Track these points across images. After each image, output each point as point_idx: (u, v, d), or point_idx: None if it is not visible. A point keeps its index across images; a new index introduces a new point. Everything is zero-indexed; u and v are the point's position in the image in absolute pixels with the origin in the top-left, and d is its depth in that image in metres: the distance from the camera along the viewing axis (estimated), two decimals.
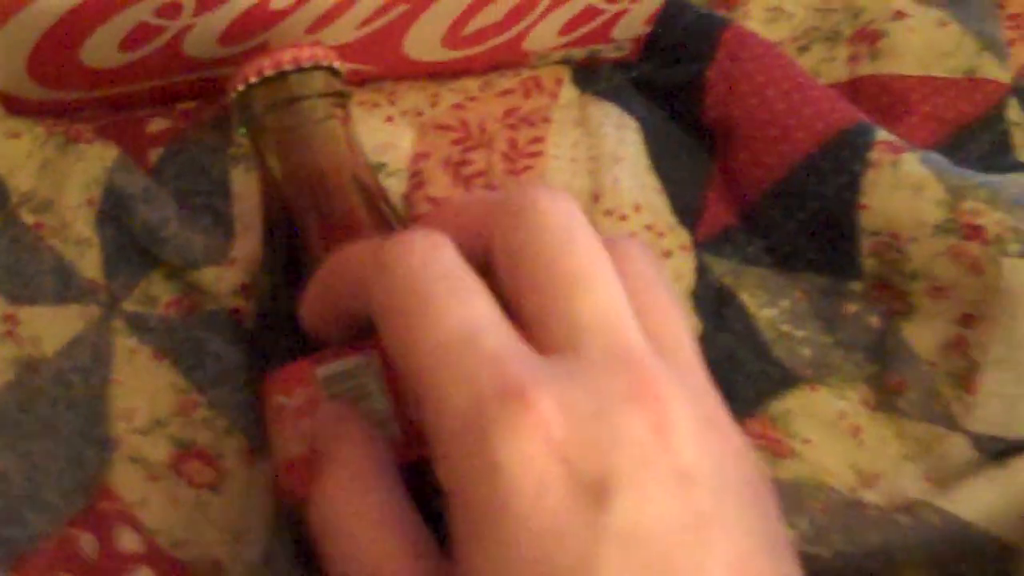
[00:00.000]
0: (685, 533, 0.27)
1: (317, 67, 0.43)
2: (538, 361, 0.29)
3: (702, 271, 0.50)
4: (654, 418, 0.28)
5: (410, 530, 0.32)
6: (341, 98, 0.43)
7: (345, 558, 0.32)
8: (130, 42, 0.44)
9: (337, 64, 0.43)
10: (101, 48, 0.44)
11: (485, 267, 0.32)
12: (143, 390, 0.44)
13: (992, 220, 0.47)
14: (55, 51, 0.44)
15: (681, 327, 0.33)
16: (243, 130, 0.43)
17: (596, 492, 0.27)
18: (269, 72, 0.42)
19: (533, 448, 0.27)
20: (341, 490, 0.33)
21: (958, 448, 0.48)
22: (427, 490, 0.35)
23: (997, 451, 0.48)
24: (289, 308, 0.40)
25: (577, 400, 0.28)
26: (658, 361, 0.30)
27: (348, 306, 0.35)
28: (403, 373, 0.31)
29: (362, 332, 0.36)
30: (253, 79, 0.42)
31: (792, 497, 0.47)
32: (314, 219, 0.42)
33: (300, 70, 0.42)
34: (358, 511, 0.33)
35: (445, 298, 0.30)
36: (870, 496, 0.47)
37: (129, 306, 0.44)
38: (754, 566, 0.28)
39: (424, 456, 0.37)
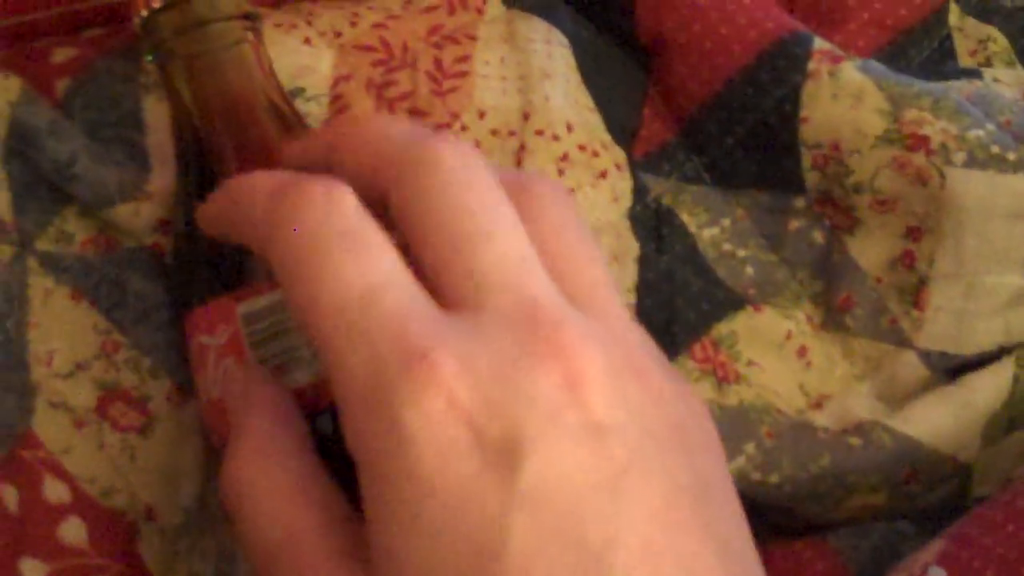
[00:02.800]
0: (598, 487, 0.27)
1: None
2: (441, 320, 0.29)
3: (640, 191, 0.51)
4: (563, 372, 0.28)
5: (323, 499, 0.32)
6: (251, 20, 0.43)
7: (257, 532, 0.32)
8: None
9: None
10: None
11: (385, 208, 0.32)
12: (62, 332, 0.43)
13: (936, 129, 0.47)
14: None
15: (596, 269, 0.33)
16: (151, 57, 0.43)
17: (504, 453, 0.27)
18: None
19: (437, 411, 0.27)
20: (248, 463, 0.33)
21: (908, 366, 0.49)
22: None
23: (948, 368, 0.49)
24: (207, 242, 0.40)
25: (481, 359, 0.28)
26: (568, 310, 0.30)
27: (243, 236, 0.35)
28: (305, 334, 0.31)
29: None
30: (157, 3, 0.41)
31: (740, 423, 0.47)
32: (229, 149, 0.41)
33: None
34: (268, 485, 0.33)
35: (344, 257, 0.30)
36: (820, 418, 0.48)
37: (42, 245, 0.44)
38: (676, 513, 0.28)
39: None
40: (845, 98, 0.48)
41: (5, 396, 0.42)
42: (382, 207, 0.32)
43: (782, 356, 0.49)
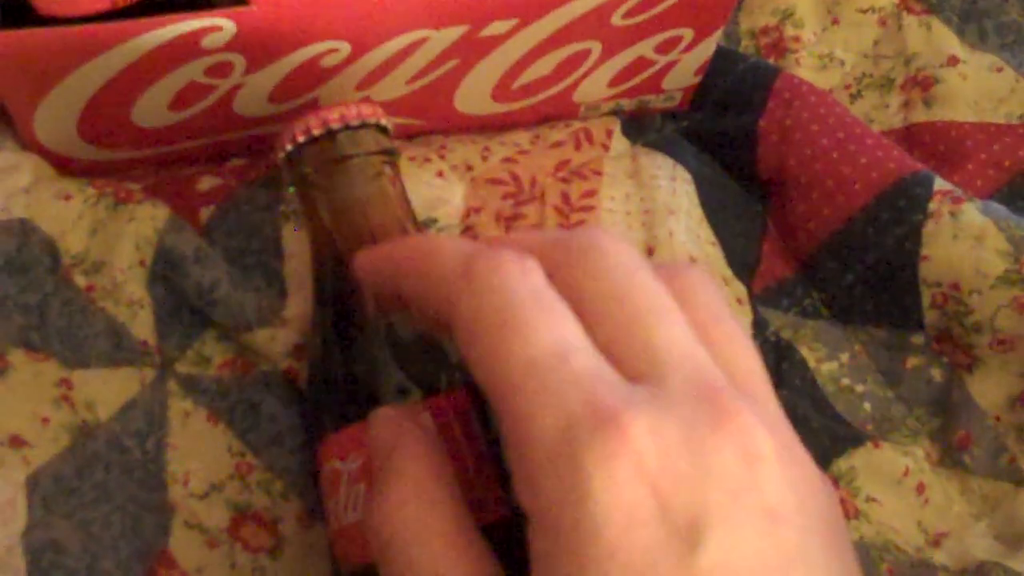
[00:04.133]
0: (771, 574, 0.27)
1: (365, 125, 0.43)
2: (628, 387, 0.29)
3: (759, 325, 0.51)
4: (742, 448, 0.28)
5: (479, 555, 0.31)
6: (390, 155, 0.44)
7: None
8: (181, 101, 0.45)
9: (385, 121, 0.44)
10: (152, 108, 0.45)
11: None
12: (199, 453, 0.44)
13: None
14: (106, 111, 0.45)
15: (751, 357, 0.33)
16: (292, 189, 0.44)
17: (688, 528, 0.27)
18: (317, 131, 0.42)
19: (626, 477, 0.27)
20: (405, 505, 0.32)
21: None
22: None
23: None
24: (341, 370, 0.41)
25: (667, 428, 0.28)
26: (737, 393, 0.30)
27: (411, 297, 0.34)
28: (488, 391, 0.30)
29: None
30: (301, 138, 0.42)
31: (860, 559, 0.45)
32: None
33: (348, 128, 0.43)
34: (424, 528, 0.31)
35: (537, 315, 0.29)
36: (938, 556, 0.48)
37: (182, 368, 0.45)
38: None
39: (485, 523, 0.37)
40: (966, 239, 0.48)
41: (145, 515, 0.43)
42: None
43: (901, 493, 0.49)
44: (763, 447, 0.28)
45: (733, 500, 0.27)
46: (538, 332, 0.29)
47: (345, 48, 0.44)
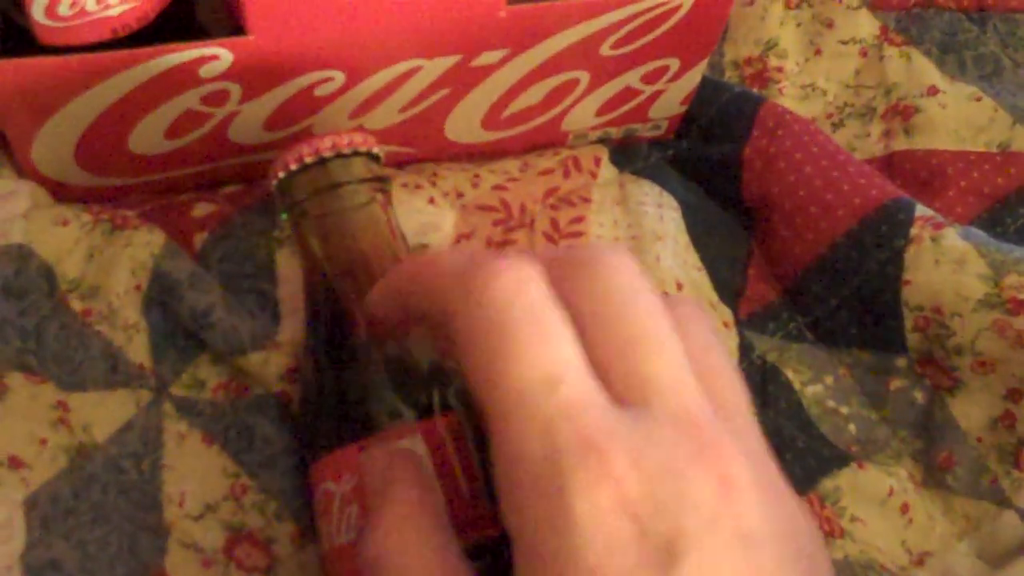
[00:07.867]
0: None
1: (356, 153, 0.44)
2: (615, 415, 0.29)
3: (745, 348, 0.51)
4: (719, 477, 0.29)
5: None
6: (381, 182, 0.45)
7: None
8: (177, 129, 0.46)
9: (376, 149, 0.44)
10: (148, 135, 0.45)
11: None
12: (194, 474, 0.45)
13: None
14: (103, 139, 0.45)
15: (738, 391, 0.33)
16: (285, 215, 0.44)
17: (664, 553, 0.28)
18: (309, 159, 0.43)
19: (607, 505, 0.28)
20: (397, 532, 0.33)
21: (1008, 525, 0.49)
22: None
23: None
24: (333, 393, 0.41)
25: (649, 458, 0.29)
26: (720, 424, 0.31)
27: (419, 312, 0.35)
28: (480, 409, 0.31)
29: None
30: (293, 166, 0.43)
31: None
32: (356, 303, 0.42)
33: (340, 156, 0.43)
34: (417, 557, 0.32)
35: (531, 338, 0.30)
36: (922, 575, 0.48)
37: (177, 390, 0.45)
38: None
39: (476, 541, 0.37)
40: (947, 263, 0.49)
41: (140, 535, 0.43)
42: None
43: (885, 513, 0.49)
44: (740, 477, 0.29)
45: (709, 526, 0.28)
46: (529, 356, 0.29)
47: (339, 77, 0.45)
